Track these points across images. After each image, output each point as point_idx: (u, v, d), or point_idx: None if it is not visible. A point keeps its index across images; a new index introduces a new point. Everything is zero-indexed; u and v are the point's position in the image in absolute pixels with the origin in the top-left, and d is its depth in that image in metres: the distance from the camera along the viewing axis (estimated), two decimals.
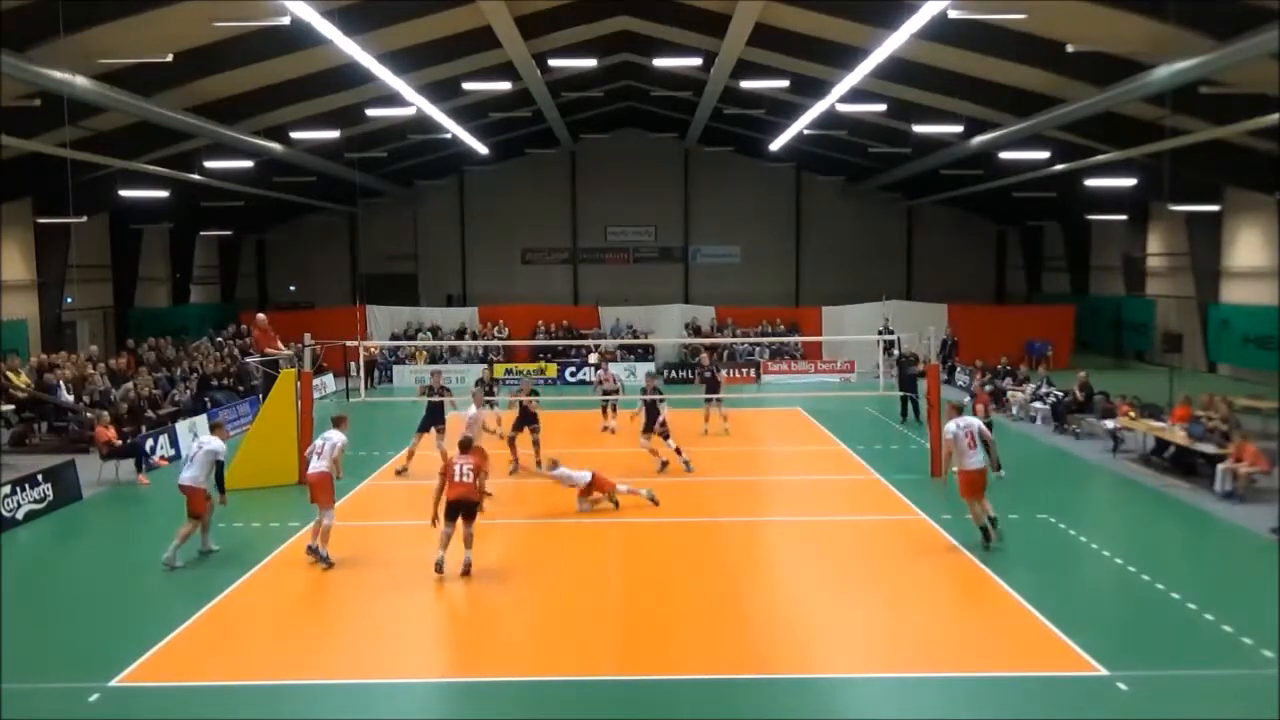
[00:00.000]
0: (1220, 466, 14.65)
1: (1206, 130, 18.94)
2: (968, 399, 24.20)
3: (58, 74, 15.52)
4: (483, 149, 32.41)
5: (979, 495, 12.05)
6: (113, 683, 8.51)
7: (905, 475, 16.23)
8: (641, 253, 40.52)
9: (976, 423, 12.57)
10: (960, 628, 9.73)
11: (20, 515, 13.85)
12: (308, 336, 16.82)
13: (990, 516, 12.09)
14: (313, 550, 11.77)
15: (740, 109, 28.76)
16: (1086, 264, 34.93)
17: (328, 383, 26.85)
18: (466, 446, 11.80)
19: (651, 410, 16.72)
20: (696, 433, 19.86)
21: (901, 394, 21.51)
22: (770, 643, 9.48)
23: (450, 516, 11.28)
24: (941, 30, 16.87)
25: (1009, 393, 23.02)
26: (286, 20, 15.27)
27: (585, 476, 14.08)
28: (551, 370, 29.53)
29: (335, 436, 12.24)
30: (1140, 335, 31.08)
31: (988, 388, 21.39)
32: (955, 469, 12.38)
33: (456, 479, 11.37)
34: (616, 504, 14.17)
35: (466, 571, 11.18)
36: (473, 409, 15.54)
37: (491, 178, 38.94)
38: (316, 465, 12.06)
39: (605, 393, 20.05)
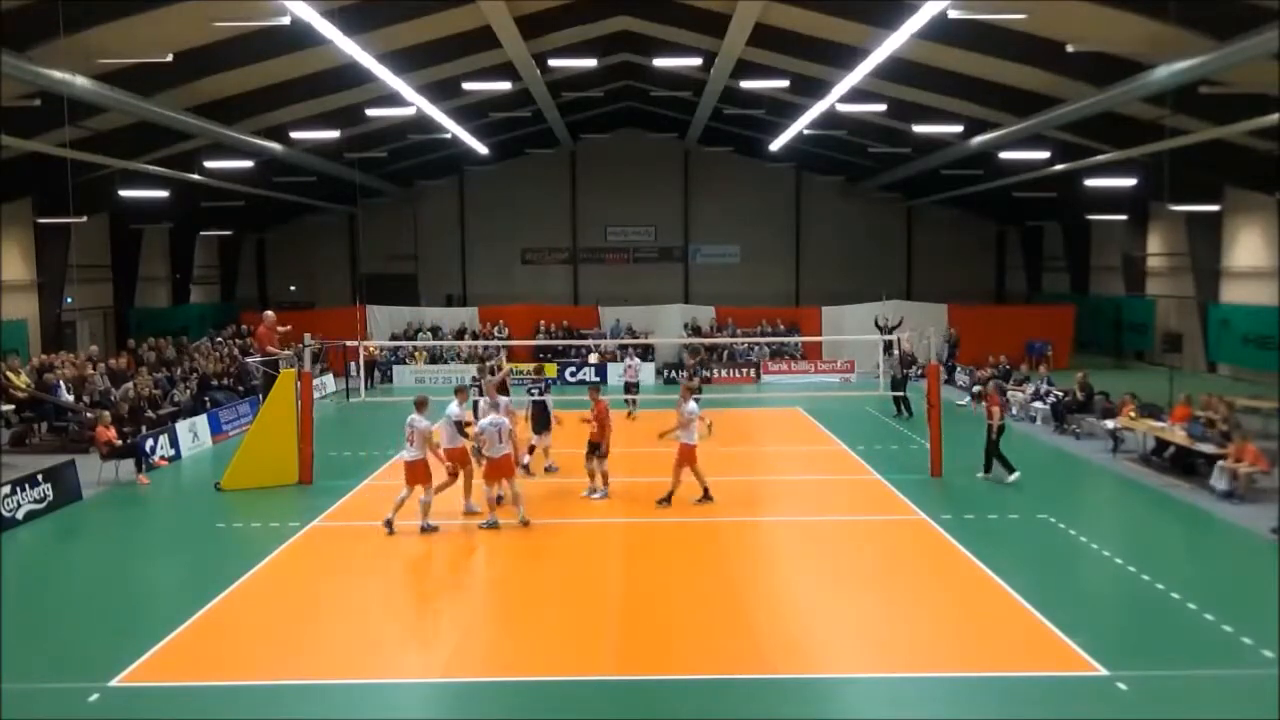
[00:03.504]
0: (1219, 464, 14.64)
1: (1206, 130, 18.94)
2: (967, 399, 24.32)
3: (58, 74, 15.52)
4: (483, 149, 32.41)
5: (693, 465, 14.22)
6: (113, 683, 8.51)
7: (905, 475, 16.24)
8: (641, 253, 40.51)
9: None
10: (960, 628, 9.73)
11: (20, 515, 13.85)
12: (308, 336, 16.83)
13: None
14: (426, 528, 12.81)
15: (740, 109, 28.76)
16: (1086, 264, 34.92)
17: (328, 383, 26.85)
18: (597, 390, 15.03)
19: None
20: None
21: (893, 394, 22.01)
22: (770, 643, 9.48)
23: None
24: (941, 30, 16.86)
25: (1008, 393, 23.01)
26: (286, 20, 15.27)
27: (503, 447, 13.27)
28: (551, 370, 29.49)
29: (420, 422, 12.95)
30: (1140, 335, 31.07)
31: (991, 384, 21.32)
32: (684, 439, 14.11)
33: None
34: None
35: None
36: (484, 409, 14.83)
37: (491, 178, 38.93)
38: (412, 453, 12.94)
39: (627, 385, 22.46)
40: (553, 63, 23.36)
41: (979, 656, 9.04)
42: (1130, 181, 24.41)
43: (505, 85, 23.04)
